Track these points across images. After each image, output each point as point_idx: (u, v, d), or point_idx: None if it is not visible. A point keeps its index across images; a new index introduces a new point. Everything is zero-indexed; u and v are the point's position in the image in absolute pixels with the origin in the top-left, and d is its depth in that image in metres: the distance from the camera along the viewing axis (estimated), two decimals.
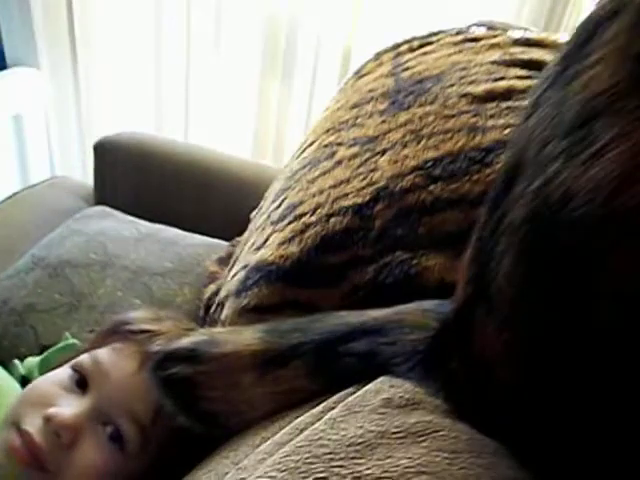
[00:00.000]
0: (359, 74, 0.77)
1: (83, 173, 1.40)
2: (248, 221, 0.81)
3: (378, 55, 0.78)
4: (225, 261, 0.86)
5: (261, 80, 1.43)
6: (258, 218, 0.74)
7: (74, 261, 0.82)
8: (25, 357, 0.66)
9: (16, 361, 0.63)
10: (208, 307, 0.76)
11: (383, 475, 0.27)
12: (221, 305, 0.64)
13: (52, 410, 0.48)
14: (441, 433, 0.29)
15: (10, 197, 1.06)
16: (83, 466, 0.48)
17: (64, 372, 0.53)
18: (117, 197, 1.05)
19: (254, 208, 0.82)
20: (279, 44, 1.40)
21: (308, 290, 0.50)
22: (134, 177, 1.07)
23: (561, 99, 0.25)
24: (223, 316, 0.60)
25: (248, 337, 0.42)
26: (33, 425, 0.48)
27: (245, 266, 0.61)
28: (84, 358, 0.53)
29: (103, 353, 0.53)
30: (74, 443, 0.48)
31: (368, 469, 0.27)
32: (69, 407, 0.49)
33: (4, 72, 1.31)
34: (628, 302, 0.23)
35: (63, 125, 1.38)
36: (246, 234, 0.78)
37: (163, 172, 1.05)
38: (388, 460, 0.28)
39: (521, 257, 0.26)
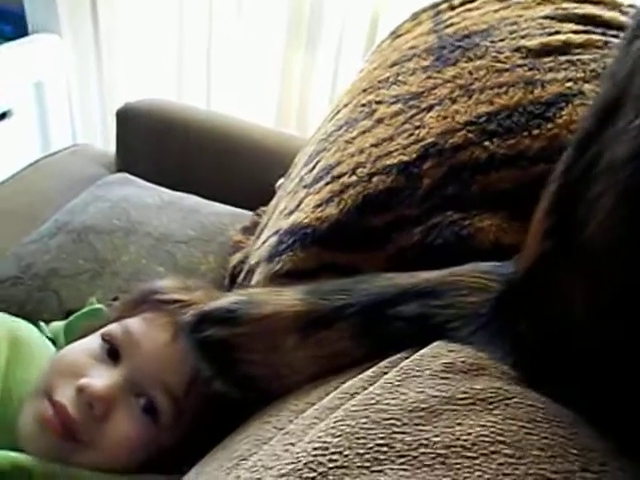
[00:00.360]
0: (395, 34, 0.74)
1: (104, 140, 1.39)
2: (271, 190, 0.78)
3: (415, 15, 0.75)
4: (250, 230, 0.84)
5: (285, 48, 1.39)
6: (288, 184, 0.71)
7: (98, 227, 0.80)
8: (49, 322, 0.64)
9: (42, 323, 0.62)
10: (234, 276, 0.74)
11: (454, 443, 0.24)
12: (251, 272, 0.62)
13: (84, 381, 0.47)
14: (514, 401, 0.27)
15: (31, 164, 1.05)
16: (116, 437, 0.47)
17: (94, 341, 0.51)
18: (139, 164, 1.03)
19: (278, 177, 0.80)
20: (304, 10, 1.36)
21: (348, 253, 0.48)
22: (156, 144, 1.05)
23: None
24: (254, 282, 0.58)
25: (289, 298, 0.39)
26: (65, 396, 0.47)
27: (277, 231, 0.58)
28: (114, 328, 0.51)
29: (134, 323, 0.51)
30: (107, 414, 0.47)
31: (436, 436, 0.25)
32: (101, 378, 0.48)
33: (26, 39, 1.29)
34: None
35: (84, 92, 1.36)
36: (274, 201, 0.75)
37: (185, 139, 1.03)
38: (458, 428, 0.25)
39: (623, 198, 0.22)
